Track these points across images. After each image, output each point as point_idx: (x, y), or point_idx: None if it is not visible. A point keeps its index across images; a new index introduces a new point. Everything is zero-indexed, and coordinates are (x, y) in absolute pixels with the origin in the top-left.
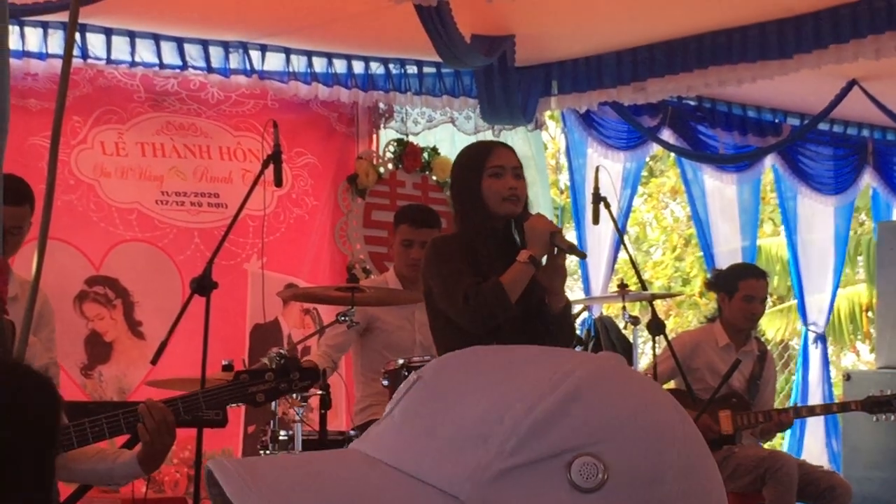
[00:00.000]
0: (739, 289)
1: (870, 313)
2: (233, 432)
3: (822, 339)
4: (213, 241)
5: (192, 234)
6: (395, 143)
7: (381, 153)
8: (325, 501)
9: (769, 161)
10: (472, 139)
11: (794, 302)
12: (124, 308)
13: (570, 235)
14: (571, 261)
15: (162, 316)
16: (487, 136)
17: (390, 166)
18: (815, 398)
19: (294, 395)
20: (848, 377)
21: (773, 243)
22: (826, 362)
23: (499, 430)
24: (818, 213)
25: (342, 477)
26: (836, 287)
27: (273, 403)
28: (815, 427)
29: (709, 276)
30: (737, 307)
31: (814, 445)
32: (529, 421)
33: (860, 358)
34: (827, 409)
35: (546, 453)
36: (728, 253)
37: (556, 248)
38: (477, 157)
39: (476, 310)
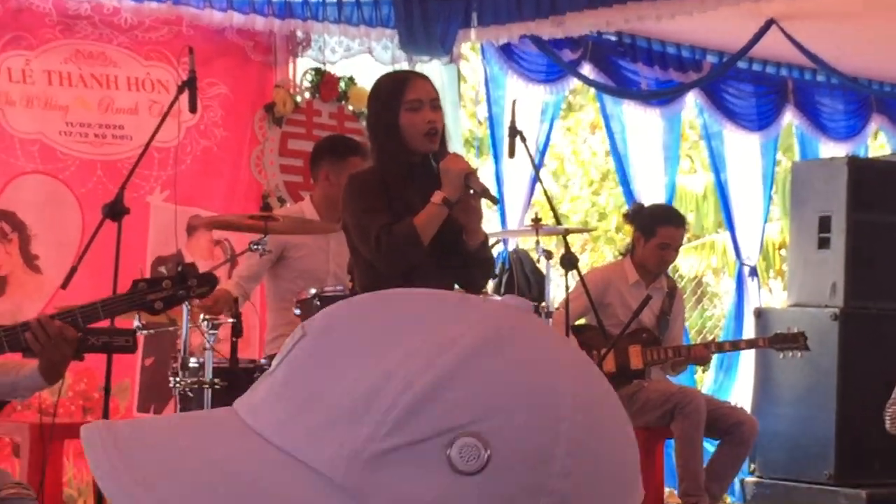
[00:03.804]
0: (657, 234)
1: (783, 251)
2: (130, 365)
3: (754, 272)
4: (116, 174)
5: (94, 167)
6: (313, 72)
7: (298, 82)
8: (195, 487)
9: (692, 97)
10: (390, 69)
11: (708, 239)
12: (20, 242)
13: (488, 168)
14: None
15: (60, 249)
16: (404, 66)
17: (307, 95)
18: (749, 332)
19: (205, 324)
20: (759, 314)
21: (689, 181)
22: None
23: (376, 408)
24: (743, 150)
25: (213, 459)
26: (765, 221)
27: (184, 331)
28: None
29: (630, 207)
30: (651, 252)
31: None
32: (407, 398)
33: (773, 295)
34: (735, 346)
35: (425, 434)
36: (648, 189)
37: (470, 189)
38: (394, 90)
39: (388, 252)
